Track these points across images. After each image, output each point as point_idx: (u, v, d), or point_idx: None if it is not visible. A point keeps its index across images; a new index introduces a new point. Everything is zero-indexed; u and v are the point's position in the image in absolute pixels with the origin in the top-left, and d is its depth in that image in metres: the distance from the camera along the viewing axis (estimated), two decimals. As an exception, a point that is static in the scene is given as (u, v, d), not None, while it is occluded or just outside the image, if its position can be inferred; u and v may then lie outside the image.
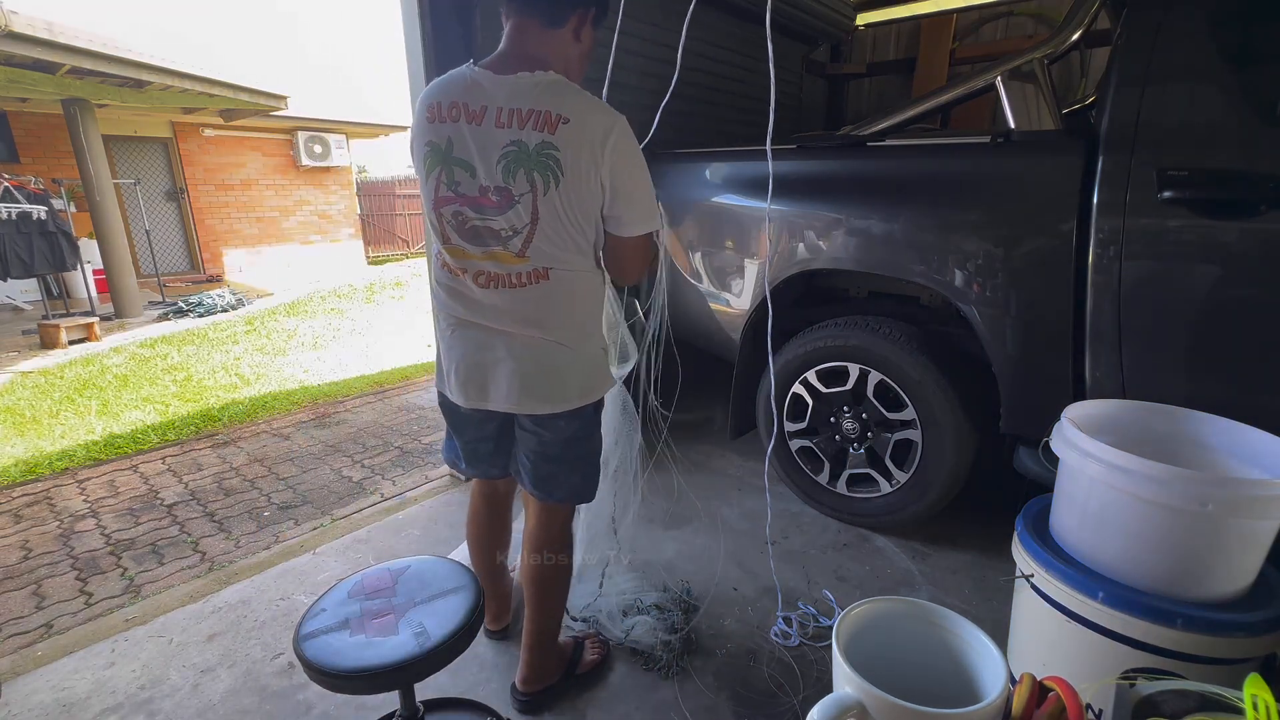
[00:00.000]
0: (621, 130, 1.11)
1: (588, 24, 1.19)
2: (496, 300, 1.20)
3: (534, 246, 1.15)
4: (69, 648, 1.71)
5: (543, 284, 1.18)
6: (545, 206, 1.11)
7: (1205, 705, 0.79)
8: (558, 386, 1.26)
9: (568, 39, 1.18)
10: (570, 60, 1.20)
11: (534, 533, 1.43)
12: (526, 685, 1.47)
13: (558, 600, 1.47)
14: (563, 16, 1.16)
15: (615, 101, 1.57)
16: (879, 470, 2.08)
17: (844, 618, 0.96)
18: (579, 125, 1.08)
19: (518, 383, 1.23)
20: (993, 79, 1.86)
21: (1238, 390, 1.50)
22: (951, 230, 1.76)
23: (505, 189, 1.11)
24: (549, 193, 1.10)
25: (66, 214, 6.17)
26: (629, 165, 1.13)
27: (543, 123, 1.08)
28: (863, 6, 4.34)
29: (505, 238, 1.15)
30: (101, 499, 2.68)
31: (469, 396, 1.29)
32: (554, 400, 1.26)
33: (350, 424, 3.55)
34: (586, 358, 1.29)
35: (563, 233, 1.15)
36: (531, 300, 1.19)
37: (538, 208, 1.11)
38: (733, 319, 2.33)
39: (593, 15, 1.20)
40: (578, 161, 1.09)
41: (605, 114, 1.11)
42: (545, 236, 1.14)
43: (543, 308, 1.20)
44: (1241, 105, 1.40)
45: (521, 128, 1.09)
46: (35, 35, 5.02)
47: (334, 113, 9.60)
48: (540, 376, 1.24)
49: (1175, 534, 1.06)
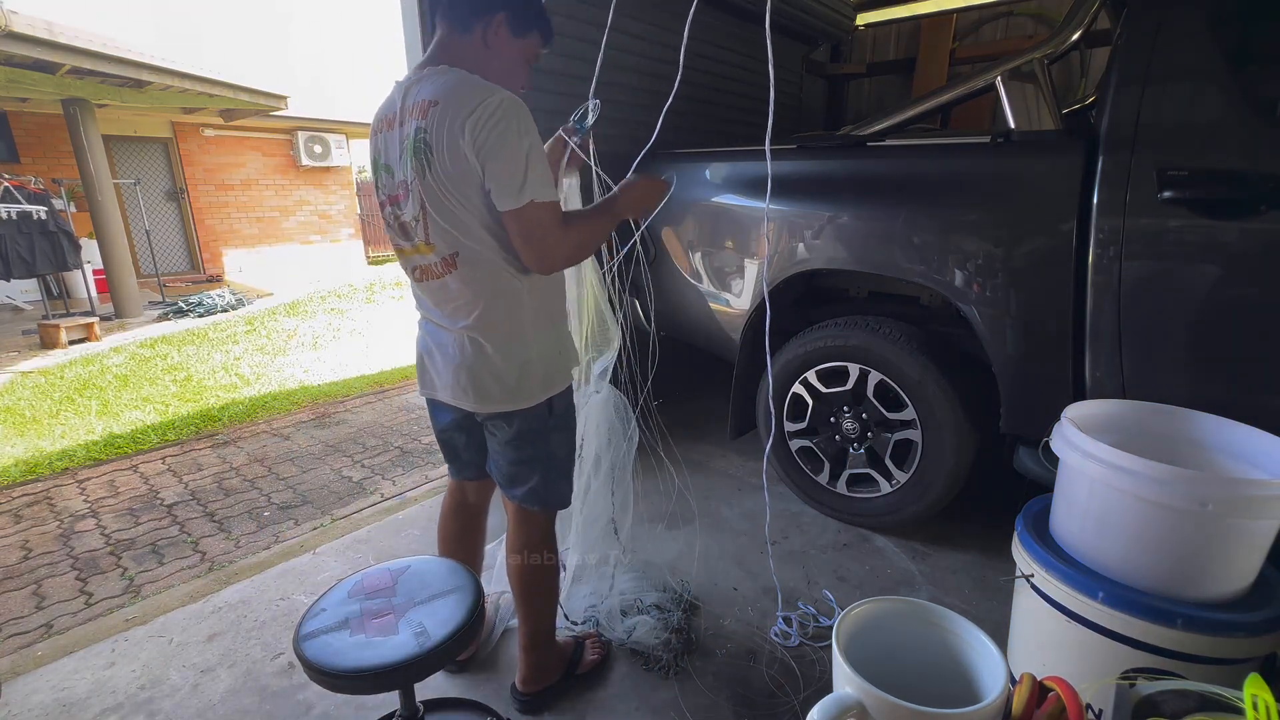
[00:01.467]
0: (491, 103, 1.08)
1: (497, 30, 1.19)
2: (429, 294, 1.27)
3: (432, 233, 1.18)
4: (69, 648, 1.71)
5: (456, 273, 1.20)
6: (426, 190, 1.14)
7: (1205, 705, 0.79)
8: (490, 383, 1.25)
9: (477, 45, 1.20)
10: (485, 66, 1.19)
11: (510, 534, 1.44)
12: (526, 686, 1.48)
13: (545, 600, 1.45)
14: (467, 22, 1.19)
15: (614, 102, 1.57)
16: (879, 470, 2.08)
17: (844, 618, 0.96)
18: (445, 105, 1.09)
19: (452, 378, 1.28)
20: (993, 79, 1.85)
21: (1238, 390, 1.50)
22: (951, 230, 1.76)
23: (404, 181, 1.18)
24: (426, 176, 1.13)
25: (66, 214, 6.18)
26: (491, 137, 1.08)
27: (419, 110, 1.12)
28: (863, 6, 4.34)
29: (413, 228, 1.20)
30: (101, 499, 2.68)
31: (423, 384, 1.39)
32: (487, 398, 1.26)
33: (350, 424, 3.55)
34: (519, 354, 1.25)
35: (448, 215, 1.15)
36: (453, 290, 1.22)
37: (421, 193, 1.15)
38: (733, 319, 2.33)
39: (501, 21, 1.19)
40: (441, 140, 1.10)
41: (476, 92, 1.09)
42: (435, 220, 1.17)
43: (464, 298, 1.21)
44: (1241, 105, 1.40)
45: (409, 120, 1.14)
46: (35, 35, 5.02)
47: (334, 113, 9.59)
48: (471, 372, 1.25)
49: (1175, 534, 1.06)
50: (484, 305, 1.21)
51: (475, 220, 1.16)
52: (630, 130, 2.11)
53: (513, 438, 1.32)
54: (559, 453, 1.39)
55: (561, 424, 1.37)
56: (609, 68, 1.79)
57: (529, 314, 1.25)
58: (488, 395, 1.26)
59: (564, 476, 1.42)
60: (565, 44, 2.47)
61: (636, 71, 2.83)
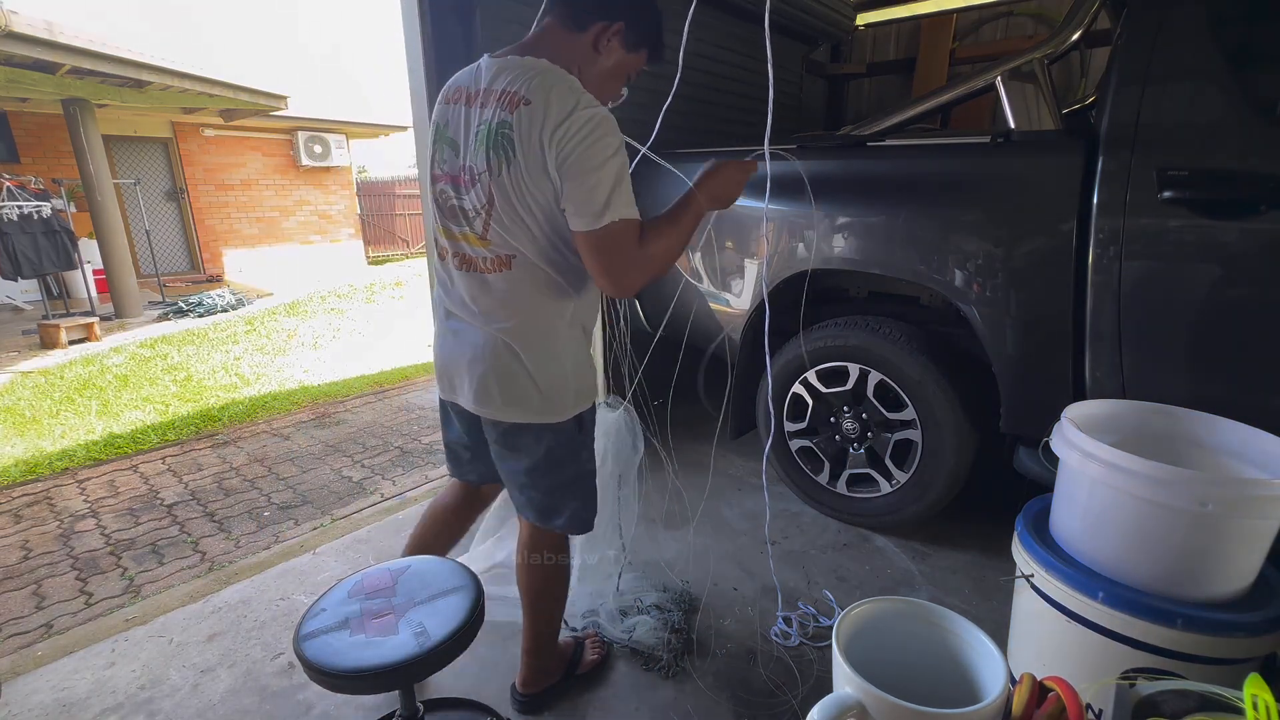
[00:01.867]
0: (581, 118, 1.02)
1: (611, 38, 1.14)
2: (470, 286, 1.19)
3: (492, 230, 1.12)
4: (69, 648, 1.71)
5: (506, 273, 1.14)
6: (498, 188, 1.09)
7: (1205, 705, 0.79)
8: (519, 391, 1.19)
9: (585, 46, 1.14)
10: (586, 70, 1.14)
11: (524, 536, 1.38)
12: (526, 687, 1.47)
13: (552, 604, 1.42)
14: (583, 21, 1.13)
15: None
16: (879, 470, 2.08)
17: (844, 618, 0.96)
18: (537, 107, 1.03)
19: (479, 382, 1.21)
20: (993, 79, 1.85)
21: (1238, 390, 1.50)
22: (951, 230, 1.76)
23: (472, 168, 1.11)
24: (501, 174, 1.07)
25: (66, 214, 6.18)
26: (575, 152, 1.02)
27: (508, 102, 1.05)
28: (863, 6, 4.34)
29: (471, 218, 1.14)
30: (101, 499, 2.68)
31: (443, 388, 1.32)
32: (514, 406, 1.20)
33: (350, 424, 3.55)
34: (555, 367, 1.20)
35: (516, 219, 1.10)
36: (497, 290, 1.16)
37: (492, 189, 1.09)
38: (733, 319, 2.33)
39: (619, 30, 1.14)
40: (529, 144, 1.04)
41: (570, 99, 1.03)
42: (500, 221, 1.11)
43: (507, 301, 1.16)
44: (1241, 105, 1.40)
45: (492, 107, 1.07)
46: (35, 35, 5.02)
47: (334, 113, 9.60)
48: (500, 376, 1.19)
49: (1175, 534, 1.06)
50: (526, 313, 1.17)
51: (538, 228, 1.11)
52: (629, 130, 2.10)
53: (542, 459, 1.25)
54: (589, 467, 1.34)
55: (589, 440, 1.33)
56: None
57: (566, 326, 1.21)
58: (515, 403, 1.20)
59: (592, 497, 1.36)
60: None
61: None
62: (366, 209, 11.91)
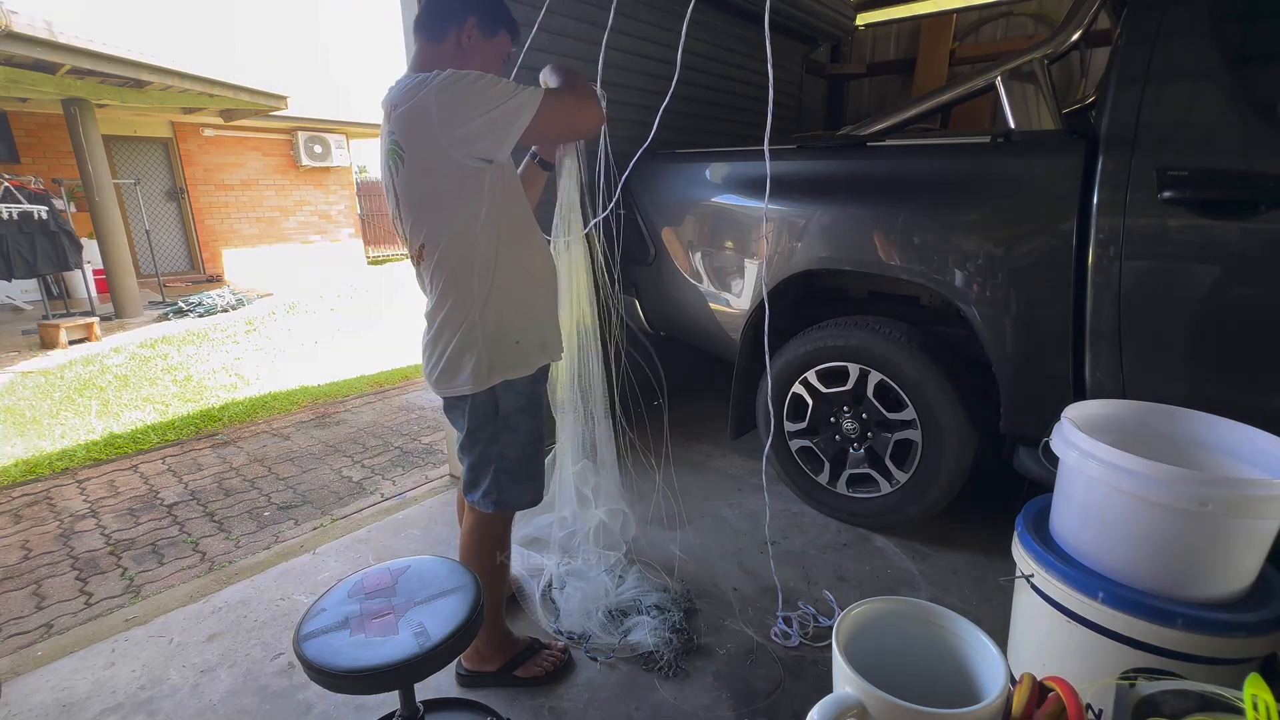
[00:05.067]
0: (439, 76, 1.15)
1: (470, 35, 1.28)
2: (420, 287, 1.37)
3: (408, 227, 1.29)
4: (69, 648, 1.71)
5: (426, 262, 1.29)
6: (401, 188, 1.25)
7: (1205, 705, 0.80)
8: (444, 365, 1.32)
9: (451, 51, 1.29)
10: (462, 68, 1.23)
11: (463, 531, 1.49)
12: (467, 661, 1.54)
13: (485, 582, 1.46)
14: (441, 32, 1.28)
15: (613, 103, 1.57)
16: (879, 470, 2.08)
17: (844, 618, 0.96)
18: (404, 103, 1.18)
19: (425, 360, 1.37)
20: (993, 79, 1.86)
21: (1238, 390, 1.50)
22: (951, 230, 1.76)
23: (389, 185, 1.30)
24: (399, 175, 1.24)
25: (66, 214, 6.17)
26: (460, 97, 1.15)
27: (389, 118, 1.23)
28: (863, 6, 4.34)
29: (401, 228, 1.32)
30: (101, 499, 2.68)
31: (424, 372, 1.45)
32: (441, 380, 1.34)
33: (350, 424, 3.55)
34: (467, 335, 1.29)
35: (417, 205, 1.25)
36: (425, 277, 1.32)
37: (397, 193, 1.26)
38: (733, 319, 2.33)
39: (473, 26, 1.28)
40: (411, 135, 1.18)
41: (423, 77, 1.17)
42: (408, 214, 1.27)
43: (432, 285, 1.31)
44: (1241, 105, 1.40)
45: (386, 127, 1.25)
46: (35, 35, 5.02)
47: (334, 113, 9.59)
48: (434, 354, 1.33)
49: (1175, 534, 1.06)
50: (443, 285, 1.29)
51: (440, 220, 1.25)
52: (629, 130, 2.11)
53: (466, 434, 1.37)
54: (509, 454, 1.39)
55: (509, 425, 1.37)
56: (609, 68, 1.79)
57: (482, 296, 1.29)
58: (444, 376, 1.33)
59: (517, 480, 1.41)
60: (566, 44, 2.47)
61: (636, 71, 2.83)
62: (366, 209, 11.91)
